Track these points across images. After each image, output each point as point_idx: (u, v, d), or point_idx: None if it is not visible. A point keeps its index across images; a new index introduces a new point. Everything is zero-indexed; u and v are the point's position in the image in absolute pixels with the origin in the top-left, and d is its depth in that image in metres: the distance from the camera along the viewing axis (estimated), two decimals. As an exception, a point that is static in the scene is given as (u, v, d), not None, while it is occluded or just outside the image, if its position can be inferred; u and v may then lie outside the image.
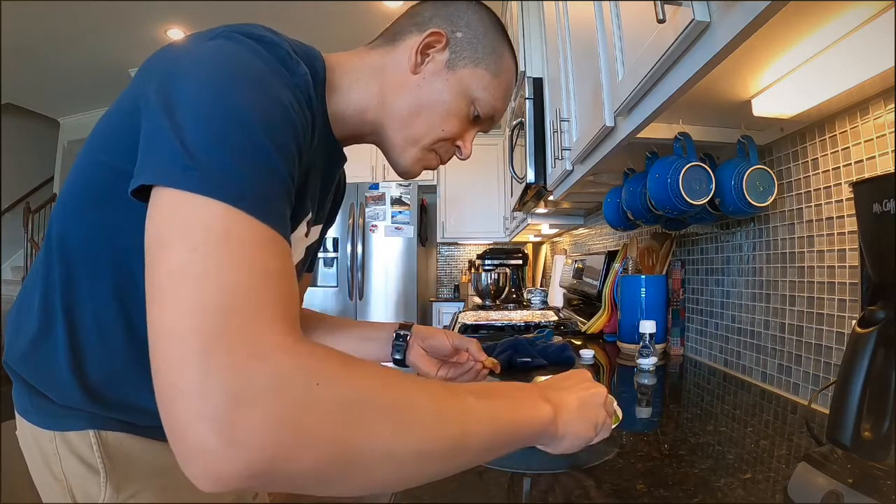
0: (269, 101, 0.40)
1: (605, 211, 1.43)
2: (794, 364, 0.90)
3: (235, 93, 0.38)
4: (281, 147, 0.39)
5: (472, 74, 0.59)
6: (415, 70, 0.58)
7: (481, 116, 0.62)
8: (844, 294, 0.78)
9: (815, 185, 0.86)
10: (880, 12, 0.52)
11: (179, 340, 0.29)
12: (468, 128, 0.63)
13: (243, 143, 0.36)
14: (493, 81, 0.60)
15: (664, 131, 0.96)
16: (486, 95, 0.60)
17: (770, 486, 0.54)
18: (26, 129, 5.39)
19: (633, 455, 0.64)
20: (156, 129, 0.37)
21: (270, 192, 0.37)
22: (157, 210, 0.34)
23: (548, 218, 2.62)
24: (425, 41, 0.58)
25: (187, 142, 0.35)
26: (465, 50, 0.59)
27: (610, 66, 0.95)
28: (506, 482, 0.58)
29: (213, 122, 0.36)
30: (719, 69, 0.61)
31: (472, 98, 0.60)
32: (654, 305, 1.30)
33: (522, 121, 1.79)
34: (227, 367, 0.28)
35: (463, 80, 0.59)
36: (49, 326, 0.51)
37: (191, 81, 0.39)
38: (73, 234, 0.50)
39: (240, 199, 0.34)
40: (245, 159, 0.36)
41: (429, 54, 0.58)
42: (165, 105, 0.37)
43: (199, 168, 0.34)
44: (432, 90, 0.58)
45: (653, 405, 0.95)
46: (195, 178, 0.33)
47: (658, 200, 0.98)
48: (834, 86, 0.69)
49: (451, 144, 0.63)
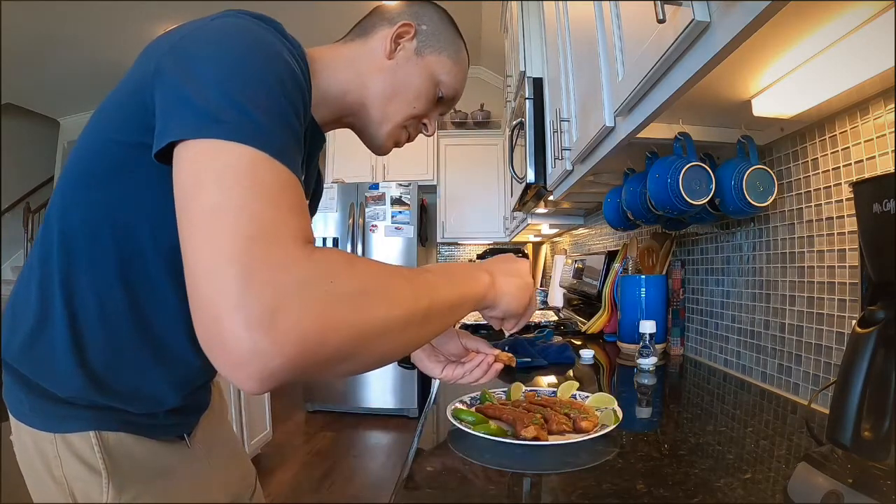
0: (282, 66, 0.44)
1: (605, 211, 1.43)
2: (794, 364, 0.90)
3: (251, 58, 0.42)
4: (294, 105, 0.43)
5: (437, 61, 0.68)
6: (389, 56, 0.66)
7: (444, 97, 0.71)
8: (844, 294, 0.78)
9: (815, 185, 0.86)
10: (880, 12, 0.52)
11: (219, 266, 0.33)
12: (433, 108, 0.72)
13: (264, 101, 0.40)
14: (454, 67, 0.70)
15: (664, 131, 0.96)
16: (449, 79, 0.70)
17: (770, 486, 0.54)
18: (26, 129, 5.39)
19: (633, 455, 0.64)
20: (177, 96, 0.40)
21: (289, 143, 0.41)
22: (187, 159, 0.38)
23: (548, 218, 2.62)
24: (398, 31, 0.66)
25: (211, 102, 0.38)
26: (430, 39, 0.68)
27: (610, 66, 0.95)
28: (506, 482, 0.58)
29: (234, 83, 0.40)
30: (719, 69, 0.61)
31: (437, 81, 0.69)
32: (654, 305, 1.30)
33: (522, 121, 1.79)
34: (261, 282, 0.33)
35: (430, 65, 0.68)
36: (48, 316, 0.51)
37: (208, 51, 0.42)
38: (73, 218, 0.51)
39: (266, 145, 0.38)
40: (267, 114, 0.40)
41: (400, 42, 0.67)
42: (185, 74, 0.41)
43: (225, 120, 0.38)
44: (405, 73, 0.67)
45: (653, 405, 0.95)
46: (224, 128, 0.37)
47: (658, 200, 0.98)
48: (834, 86, 0.69)
49: (418, 122, 0.72)
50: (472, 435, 0.70)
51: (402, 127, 0.70)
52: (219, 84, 0.39)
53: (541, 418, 0.73)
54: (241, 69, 0.41)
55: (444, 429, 0.78)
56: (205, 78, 0.40)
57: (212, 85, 0.39)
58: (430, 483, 0.60)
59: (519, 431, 0.69)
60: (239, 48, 0.42)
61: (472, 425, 0.72)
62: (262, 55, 0.43)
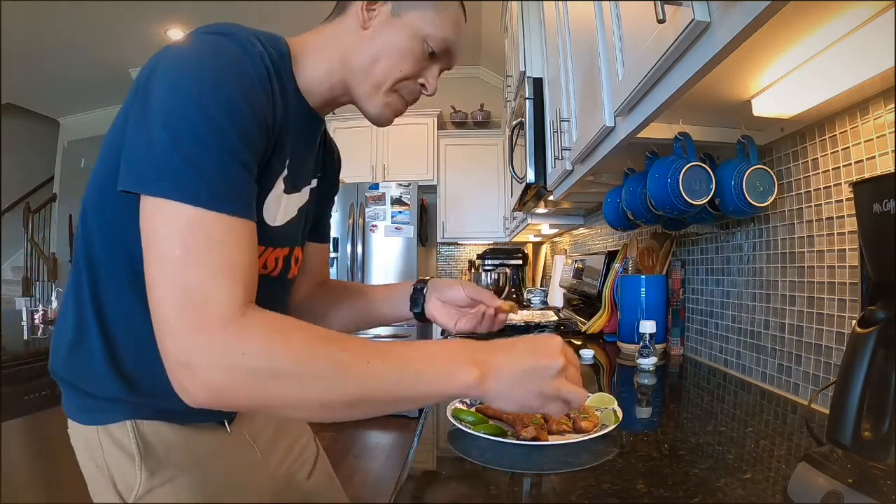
0: (231, 92, 0.47)
1: (605, 211, 1.43)
2: (794, 364, 0.90)
3: (199, 95, 0.45)
4: (242, 130, 0.47)
5: (417, 16, 0.64)
6: (364, 26, 0.64)
7: (436, 52, 0.66)
8: (844, 294, 0.78)
9: (815, 185, 0.86)
10: (880, 12, 0.52)
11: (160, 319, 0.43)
12: (427, 65, 0.67)
13: (208, 141, 0.44)
14: (438, 17, 0.64)
15: (664, 131, 0.96)
16: (435, 30, 0.64)
17: (770, 486, 0.54)
18: (26, 129, 5.39)
19: (633, 455, 0.64)
20: (134, 134, 0.46)
21: (233, 180, 0.46)
22: (143, 211, 0.45)
23: (548, 218, 2.62)
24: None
25: (157, 155, 0.44)
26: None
27: (610, 66, 0.95)
28: (506, 482, 0.58)
29: (180, 126, 0.44)
30: (719, 69, 0.61)
31: (423, 36, 0.64)
32: (654, 305, 1.30)
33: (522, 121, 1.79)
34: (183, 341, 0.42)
35: (411, 23, 0.64)
36: (83, 330, 0.58)
37: (161, 89, 0.46)
38: (93, 236, 0.57)
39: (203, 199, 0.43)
40: (209, 155, 0.44)
41: (374, 9, 0.64)
42: (143, 120, 0.46)
43: (168, 176, 0.43)
44: (384, 38, 0.64)
45: (653, 405, 0.95)
46: (165, 185, 0.43)
47: (658, 200, 0.98)
48: (834, 86, 0.69)
49: (413, 83, 0.68)
50: (472, 435, 0.70)
51: (391, 92, 0.66)
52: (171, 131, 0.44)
53: (541, 418, 0.73)
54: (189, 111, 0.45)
55: (444, 429, 0.78)
56: (155, 128, 0.44)
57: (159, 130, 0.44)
58: (430, 483, 0.60)
59: (519, 431, 0.69)
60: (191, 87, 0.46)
61: (472, 425, 0.72)
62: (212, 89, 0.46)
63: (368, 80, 0.65)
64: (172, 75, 0.46)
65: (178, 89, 0.45)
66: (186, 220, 0.43)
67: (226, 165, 0.45)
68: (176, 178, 0.43)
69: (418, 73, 0.67)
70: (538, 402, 0.51)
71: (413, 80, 0.67)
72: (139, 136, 0.45)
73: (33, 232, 5.08)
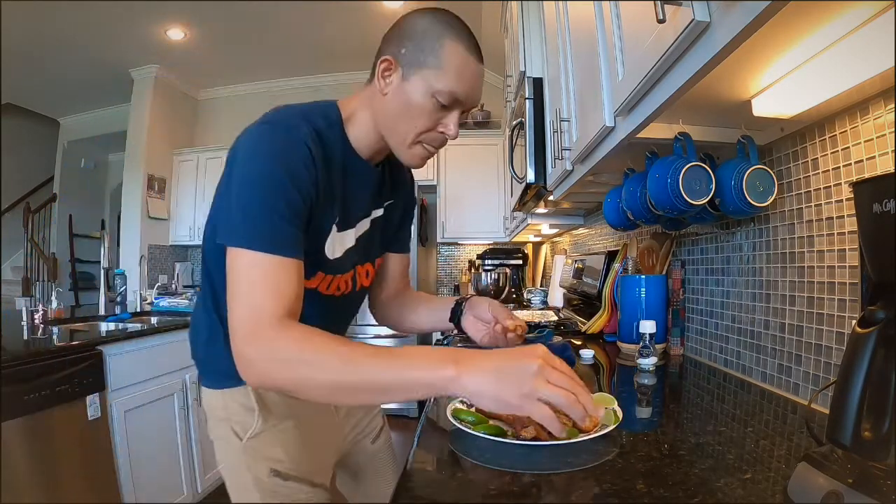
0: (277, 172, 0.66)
1: (605, 211, 1.43)
2: (794, 364, 0.90)
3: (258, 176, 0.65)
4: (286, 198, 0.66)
5: (421, 76, 0.71)
6: (383, 92, 0.74)
7: (447, 104, 0.73)
8: (844, 294, 0.78)
9: (815, 185, 0.86)
10: (880, 12, 0.52)
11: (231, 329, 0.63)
12: (442, 115, 0.75)
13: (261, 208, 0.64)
14: (440, 72, 0.71)
15: (664, 131, 0.96)
16: (441, 85, 0.71)
17: (770, 486, 0.54)
18: (26, 129, 5.39)
19: (633, 455, 0.64)
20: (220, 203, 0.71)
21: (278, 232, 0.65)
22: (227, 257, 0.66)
23: (548, 218, 2.62)
24: (381, 69, 0.74)
25: (234, 217, 0.65)
26: (410, 61, 0.72)
27: (610, 66, 0.95)
28: (506, 482, 0.58)
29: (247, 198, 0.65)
30: (719, 69, 0.61)
31: (431, 92, 0.71)
32: (654, 305, 1.30)
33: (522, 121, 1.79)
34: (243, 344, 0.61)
35: (416, 84, 0.72)
36: (214, 329, 0.83)
37: (234, 171, 0.67)
38: (211, 266, 0.81)
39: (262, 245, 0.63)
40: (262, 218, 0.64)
41: (388, 77, 0.74)
42: (227, 187, 0.68)
43: (240, 233, 0.64)
44: (398, 101, 0.73)
45: (653, 405, 0.95)
46: (238, 238, 0.64)
47: (658, 200, 0.98)
48: (834, 86, 0.69)
49: (434, 132, 0.76)
50: (472, 435, 0.70)
51: (415, 144, 0.76)
52: (239, 200, 0.65)
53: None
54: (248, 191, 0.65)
55: (444, 429, 0.78)
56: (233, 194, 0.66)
57: (236, 201, 0.65)
58: (430, 483, 0.60)
59: (519, 431, 0.69)
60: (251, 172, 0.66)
61: (472, 425, 0.72)
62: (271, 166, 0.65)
63: (394, 137, 0.76)
64: (240, 161, 0.67)
65: (242, 173, 0.66)
66: (248, 261, 0.63)
67: (274, 223, 0.64)
68: (241, 234, 0.64)
69: (436, 123, 0.75)
70: (517, 402, 0.55)
71: (433, 130, 0.76)
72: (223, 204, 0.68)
73: (33, 232, 5.08)
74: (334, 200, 0.77)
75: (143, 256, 3.58)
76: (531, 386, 0.55)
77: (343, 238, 0.81)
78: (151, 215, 4.36)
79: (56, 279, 5.02)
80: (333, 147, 0.75)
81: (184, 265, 4.70)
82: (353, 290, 0.88)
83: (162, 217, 4.49)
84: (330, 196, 0.75)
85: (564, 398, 0.56)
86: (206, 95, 5.02)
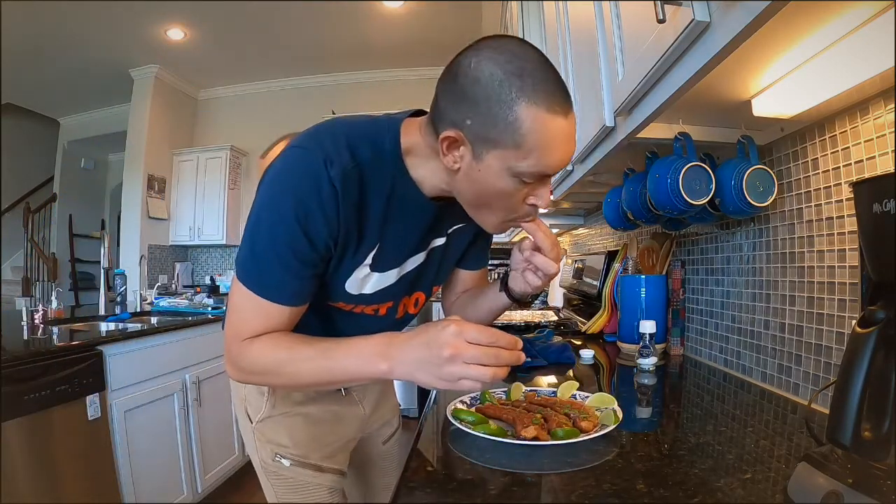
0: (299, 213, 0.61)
1: (605, 211, 1.43)
2: (794, 364, 0.90)
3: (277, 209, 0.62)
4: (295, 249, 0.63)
5: (498, 157, 0.58)
6: (452, 168, 0.62)
7: (533, 182, 0.61)
8: (844, 294, 0.78)
9: (815, 185, 0.86)
10: (880, 12, 0.52)
11: (225, 341, 0.70)
12: (529, 190, 0.63)
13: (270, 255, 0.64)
14: (519, 152, 0.57)
15: (664, 131, 0.96)
16: (524, 165, 0.58)
17: (770, 486, 0.54)
18: (26, 129, 5.39)
19: (633, 455, 0.64)
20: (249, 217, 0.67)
21: (278, 280, 0.65)
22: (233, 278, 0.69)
23: (548, 218, 2.62)
24: (445, 145, 0.60)
25: (245, 246, 0.66)
26: (479, 136, 0.58)
27: (610, 66, 0.95)
28: (506, 482, 0.58)
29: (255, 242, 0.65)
30: (719, 69, 0.61)
31: (513, 173, 0.59)
32: (654, 305, 1.30)
33: (522, 121, 1.78)
34: (228, 352, 0.70)
35: (494, 165, 0.59)
36: None
37: (260, 192, 0.65)
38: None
39: (253, 285, 0.66)
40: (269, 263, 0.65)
41: (454, 154, 0.61)
42: (254, 200, 0.66)
43: (244, 270, 0.66)
44: (477, 182, 0.61)
45: (653, 405, 0.95)
46: (241, 274, 0.67)
47: (658, 200, 0.98)
48: (834, 86, 0.69)
49: (524, 207, 0.65)
50: (472, 435, 0.70)
51: (504, 222, 0.67)
52: (251, 237, 0.65)
53: (541, 418, 0.73)
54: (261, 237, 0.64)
55: (444, 429, 0.78)
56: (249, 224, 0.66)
57: (248, 237, 0.65)
58: (430, 483, 0.60)
59: (519, 431, 0.69)
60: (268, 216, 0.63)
61: (472, 425, 0.72)
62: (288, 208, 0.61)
63: (478, 216, 0.68)
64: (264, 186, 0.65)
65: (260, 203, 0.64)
66: (246, 294, 0.66)
67: (276, 275, 0.65)
68: (245, 273, 0.66)
69: (524, 197, 0.64)
70: (443, 384, 0.58)
71: (521, 204, 0.64)
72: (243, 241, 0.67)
73: (33, 232, 5.08)
74: (362, 241, 0.68)
75: (142, 256, 3.58)
76: (448, 371, 0.56)
77: (378, 278, 0.74)
78: (151, 215, 4.37)
79: (56, 279, 5.01)
80: (381, 181, 0.65)
81: (184, 265, 4.70)
82: (394, 318, 0.82)
83: (162, 217, 4.49)
84: (357, 237, 0.68)
85: (480, 375, 0.56)
86: (206, 95, 5.01)
